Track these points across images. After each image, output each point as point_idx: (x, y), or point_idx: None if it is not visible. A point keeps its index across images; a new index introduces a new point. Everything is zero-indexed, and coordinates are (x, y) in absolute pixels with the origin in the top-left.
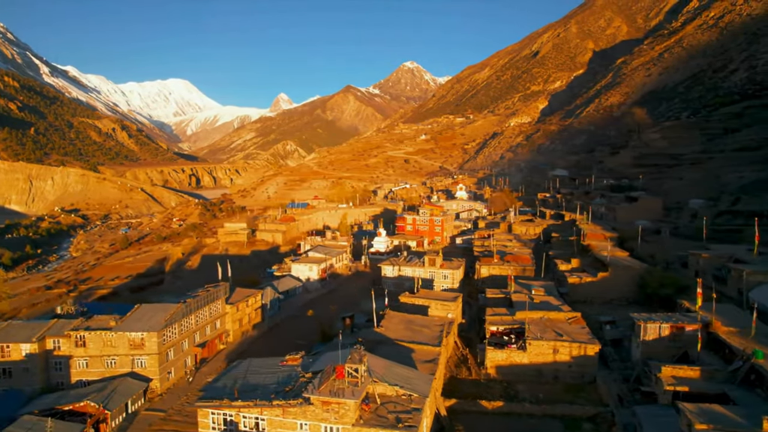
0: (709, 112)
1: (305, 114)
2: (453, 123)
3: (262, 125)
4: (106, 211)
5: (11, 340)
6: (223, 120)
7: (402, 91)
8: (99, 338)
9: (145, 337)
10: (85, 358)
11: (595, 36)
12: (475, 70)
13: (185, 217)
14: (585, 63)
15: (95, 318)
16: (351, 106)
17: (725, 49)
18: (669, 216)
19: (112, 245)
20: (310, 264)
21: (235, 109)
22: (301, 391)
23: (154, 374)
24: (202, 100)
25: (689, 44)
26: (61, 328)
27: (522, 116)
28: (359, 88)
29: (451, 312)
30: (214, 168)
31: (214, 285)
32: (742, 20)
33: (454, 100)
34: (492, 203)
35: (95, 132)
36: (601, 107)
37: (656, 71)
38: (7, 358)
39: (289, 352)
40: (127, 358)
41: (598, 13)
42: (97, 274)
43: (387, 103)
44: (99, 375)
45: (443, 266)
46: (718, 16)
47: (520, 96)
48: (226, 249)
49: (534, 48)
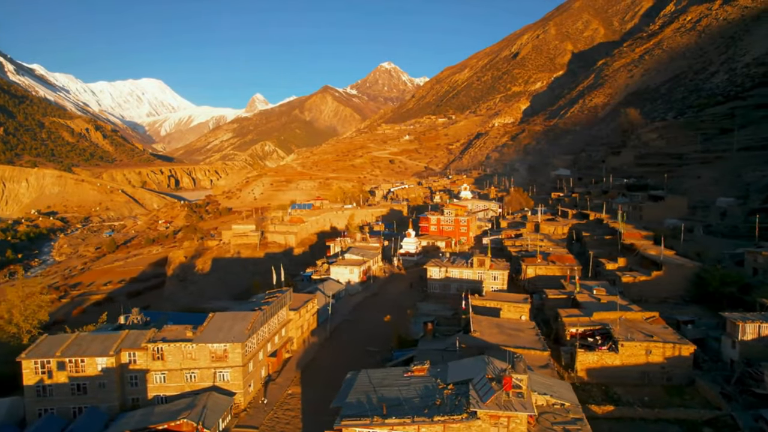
0: (696, 112)
1: (283, 114)
2: (435, 123)
3: (239, 126)
4: (86, 213)
5: (87, 353)
6: (198, 120)
7: (380, 91)
8: (178, 350)
9: (229, 348)
10: (163, 371)
11: (574, 38)
12: (455, 71)
13: (171, 219)
14: (564, 64)
15: (167, 328)
16: (329, 106)
17: (704, 51)
18: (695, 214)
19: (97, 249)
20: (351, 266)
21: (210, 110)
22: (456, 405)
23: (237, 388)
24: (176, 100)
25: (669, 47)
26: (135, 340)
27: (505, 117)
28: (337, 88)
29: (524, 314)
30: (193, 169)
31: (278, 290)
32: (719, 24)
33: (434, 100)
34: (507, 203)
35: (68, 132)
36: (586, 108)
37: (638, 73)
38: (82, 373)
39: (361, 359)
40: (208, 372)
41: (575, 15)
42: (87, 279)
43: (365, 103)
44: (178, 390)
45: (492, 267)
46: (695, 19)
47: (501, 97)
48: (237, 251)
49: (513, 49)
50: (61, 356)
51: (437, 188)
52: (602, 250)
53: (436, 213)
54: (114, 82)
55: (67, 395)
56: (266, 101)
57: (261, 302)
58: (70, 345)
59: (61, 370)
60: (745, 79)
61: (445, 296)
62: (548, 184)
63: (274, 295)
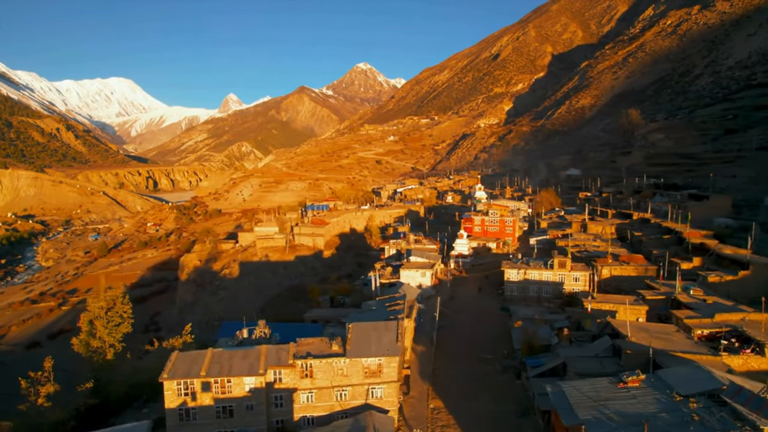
0: (687, 113)
1: (259, 115)
2: (418, 124)
3: (214, 126)
4: (66, 216)
5: (233, 372)
6: (171, 121)
7: (356, 92)
8: (329, 367)
9: (384, 362)
10: (311, 390)
11: (553, 40)
12: (434, 72)
13: (160, 222)
14: (545, 66)
15: (302, 342)
16: (306, 107)
17: (687, 55)
18: (741, 213)
19: (87, 253)
20: (422, 270)
21: (182, 110)
22: (724, 421)
23: (391, 405)
24: (147, 100)
25: (651, 50)
26: (279, 357)
27: (489, 118)
28: (313, 89)
29: (640, 316)
30: (172, 170)
31: (395, 297)
32: (699, 29)
33: (414, 101)
34: (538, 203)
35: (38, 132)
36: (573, 109)
37: (623, 75)
38: (228, 394)
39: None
40: (361, 389)
41: (554, 18)
42: (83, 285)
43: (341, 104)
44: (327, 410)
45: (573, 268)
46: (675, 24)
47: (483, 98)
48: (266, 255)
49: (494, 51)
50: (206, 376)
51: (442, 188)
52: (667, 250)
53: (479, 213)
54: (81, 81)
55: (211, 419)
56: (240, 101)
57: (384, 309)
58: (211, 363)
59: (205, 391)
60: (731, 82)
61: (525, 299)
62: (563, 184)
63: (396, 302)
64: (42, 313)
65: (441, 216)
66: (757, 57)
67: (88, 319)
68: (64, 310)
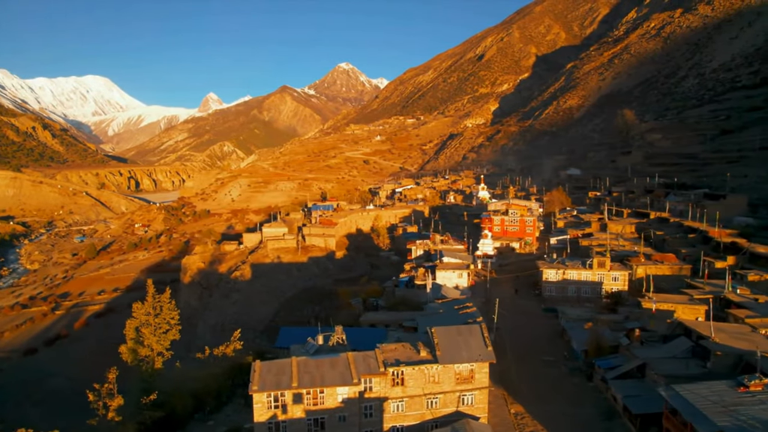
0: (676, 114)
1: (240, 114)
2: (405, 124)
3: (195, 126)
4: (48, 217)
5: (325, 383)
6: (149, 120)
7: (338, 92)
8: (421, 374)
9: (476, 368)
10: (402, 399)
11: (537, 41)
12: (418, 72)
13: (149, 223)
14: (530, 67)
15: (385, 348)
16: (288, 106)
17: (671, 57)
18: (757, 212)
19: (75, 255)
20: (459, 270)
21: (161, 109)
22: None
23: (481, 412)
24: (124, 99)
25: (636, 51)
26: (368, 365)
27: (476, 118)
28: (295, 88)
29: (699, 315)
30: (154, 170)
31: (459, 300)
32: (683, 32)
33: (399, 101)
34: (548, 203)
35: (12, 131)
36: (561, 109)
37: (609, 76)
38: (321, 406)
39: (546, 370)
40: (452, 396)
41: (537, 19)
42: (74, 289)
43: (323, 103)
44: (417, 419)
45: (612, 268)
46: (658, 26)
47: (469, 98)
48: (277, 256)
49: (478, 51)
50: (298, 387)
51: (441, 188)
52: (694, 249)
53: (498, 213)
54: (55, 79)
55: None
56: (220, 101)
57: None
58: (300, 373)
59: (297, 403)
60: (716, 84)
61: (564, 299)
62: (565, 183)
63: (465, 305)
64: (35, 318)
65: (446, 216)
66: (740, 60)
67: (134, 327)
68: (58, 314)
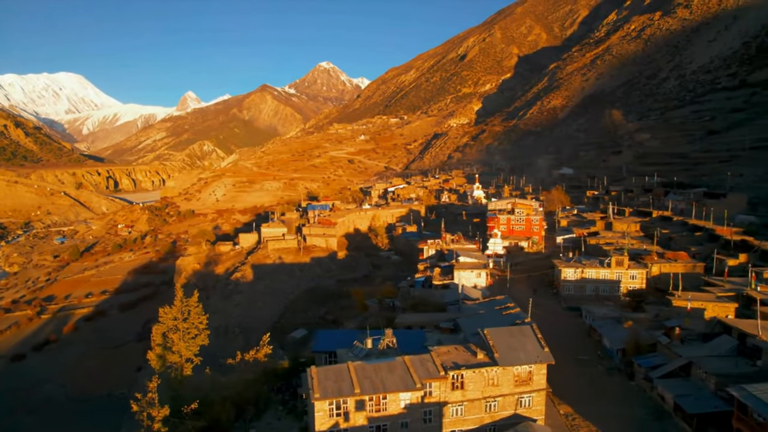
0: (660, 114)
1: (220, 113)
2: (388, 124)
3: (173, 124)
4: (25, 218)
5: (387, 388)
6: (125, 119)
7: (319, 91)
8: (481, 377)
9: (534, 369)
10: (461, 403)
11: (518, 42)
12: (400, 71)
13: (132, 224)
14: (512, 67)
15: (439, 351)
16: (269, 105)
17: (652, 59)
18: (757, 210)
19: (56, 257)
20: (477, 270)
21: (137, 108)
22: None
23: (539, 414)
24: (99, 97)
25: (618, 53)
26: (426, 368)
27: (460, 117)
28: (276, 87)
29: (729, 313)
30: (133, 170)
31: (496, 301)
32: (663, 34)
33: (381, 101)
34: (548, 202)
35: None
36: (545, 109)
37: (592, 77)
38: (383, 412)
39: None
40: (511, 398)
41: (519, 20)
42: (59, 291)
43: (304, 103)
44: (476, 423)
45: (630, 266)
46: (639, 28)
47: (452, 98)
48: (279, 257)
49: (460, 51)
50: (361, 393)
51: (432, 187)
52: (703, 247)
53: (504, 212)
54: (26, 76)
55: None
56: (199, 99)
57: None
58: (360, 379)
59: (359, 410)
60: (697, 85)
61: (582, 297)
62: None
63: (506, 306)
64: (20, 322)
65: (442, 215)
66: (718, 62)
67: (161, 332)
68: (44, 318)
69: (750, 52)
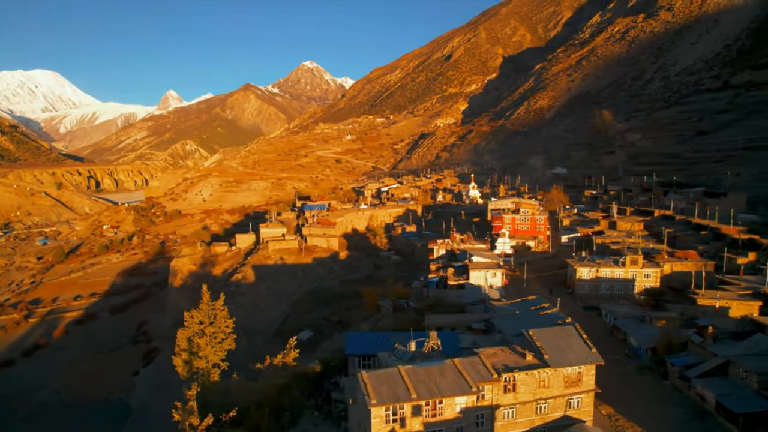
0: (647, 115)
1: (202, 112)
2: (374, 123)
3: (155, 124)
4: (4, 219)
5: (443, 392)
6: (105, 118)
7: (302, 90)
8: (533, 379)
9: (583, 370)
10: (513, 405)
11: (503, 42)
12: (386, 71)
13: (118, 224)
14: (497, 67)
15: (485, 352)
16: (252, 104)
17: (637, 60)
18: (756, 209)
19: (40, 259)
20: (492, 270)
21: (117, 106)
22: None
23: (587, 415)
24: (77, 95)
25: (603, 54)
26: (478, 371)
27: (446, 117)
28: (259, 86)
29: (753, 311)
30: (115, 170)
31: (528, 301)
32: (646, 36)
33: (367, 100)
34: (548, 201)
35: None
36: (532, 110)
37: (578, 77)
38: (439, 417)
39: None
40: (561, 400)
41: (503, 21)
42: (46, 294)
43: (288, 102)
44: (527, 425)
45: (644, 265)
46: (623, 30)
47: (438, 98)
48: (280, 258)
49: (446, 52)
50: (417, 398)
51: (426, 187)
52: (709, 246)
53: (509, 212)
54: None
55: None
56: (181, 98)
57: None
58: (414, 383)
59: (416, 416)
60: (681, 87)
61: (597, 297)
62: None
63: (542, 306)
64: (7, 326)
65: (439, 215)
66: (701, 64)
67: (186, 337)
68: (32, 322)
69: (731, 54)
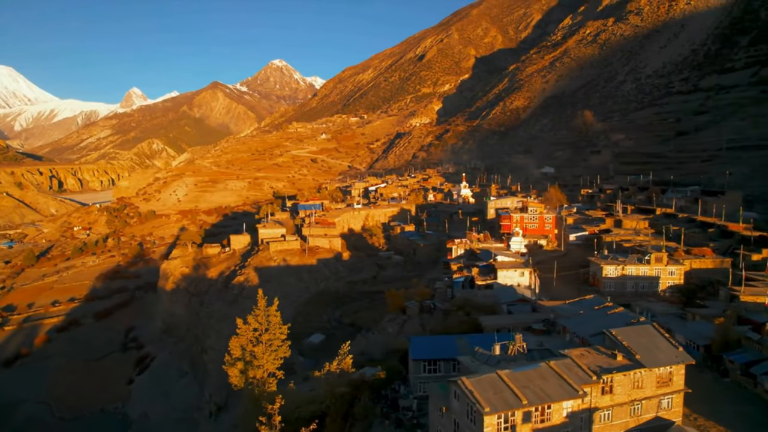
0: (622, 116)
1: (169, 110)
2: (349, 123)
3: (119, 122)
4: None
5: (553, 397)
6: (64, 115)
7: (272, 89)
8: (628, 380)
9: (674, 370)
10: (610, 407)
11: (476, 43)
12: (357, 71)
13: (90, 226)
14: (470, 68)
15: (572, 353)
16: (220, 103)
17: (609, 62)
18: (753, 207)
19: (8, 263)
20: (520, 269)
21: (77, 104)
22: None
23: (677, 416)
24: (33, 91)
25: (576, 56)
26: (576, 374)
27: (421, 117)
28: (227, 84)
29: None
30: (79, 169)
31: (587, 301)
32: (617, 39)
33: (339, 100)
34: (547, 200)
35: None
36: (508, 110)
37: (552, 78)
38: (547, 422)
39: None
40: (654, 401)
41: (475, 22)
42: (20, 300)
43: (257, 101)
44: (622, 427)
45: (669, 263)
46: (594, 33)
47: (412, 97)
48: (284, 259)
49: (418, 52)
50: (528, 405)
51: (413, 186)
52: (719, 243)
53: (517, 212)
54: None
55: None
56: (145, 96)
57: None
58: (520, 388)
59: (526, 422)
60: (653, 89)
61: (622, 294)
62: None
63: (606, 305)
64: None
65: (434, 214)
66: (671, 67)
67: (239, 345)
68: (8, 330)
69: (698, 58)
